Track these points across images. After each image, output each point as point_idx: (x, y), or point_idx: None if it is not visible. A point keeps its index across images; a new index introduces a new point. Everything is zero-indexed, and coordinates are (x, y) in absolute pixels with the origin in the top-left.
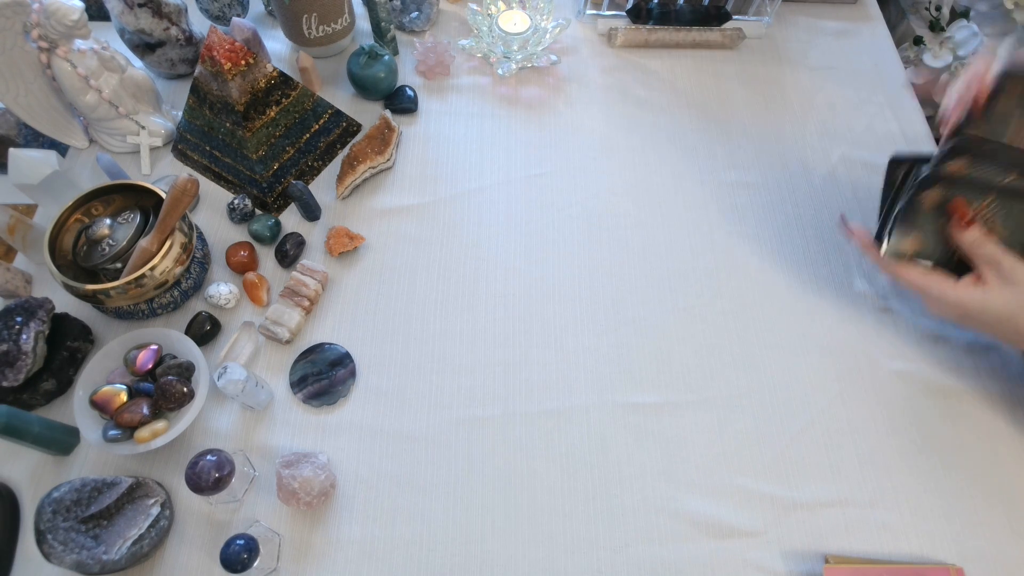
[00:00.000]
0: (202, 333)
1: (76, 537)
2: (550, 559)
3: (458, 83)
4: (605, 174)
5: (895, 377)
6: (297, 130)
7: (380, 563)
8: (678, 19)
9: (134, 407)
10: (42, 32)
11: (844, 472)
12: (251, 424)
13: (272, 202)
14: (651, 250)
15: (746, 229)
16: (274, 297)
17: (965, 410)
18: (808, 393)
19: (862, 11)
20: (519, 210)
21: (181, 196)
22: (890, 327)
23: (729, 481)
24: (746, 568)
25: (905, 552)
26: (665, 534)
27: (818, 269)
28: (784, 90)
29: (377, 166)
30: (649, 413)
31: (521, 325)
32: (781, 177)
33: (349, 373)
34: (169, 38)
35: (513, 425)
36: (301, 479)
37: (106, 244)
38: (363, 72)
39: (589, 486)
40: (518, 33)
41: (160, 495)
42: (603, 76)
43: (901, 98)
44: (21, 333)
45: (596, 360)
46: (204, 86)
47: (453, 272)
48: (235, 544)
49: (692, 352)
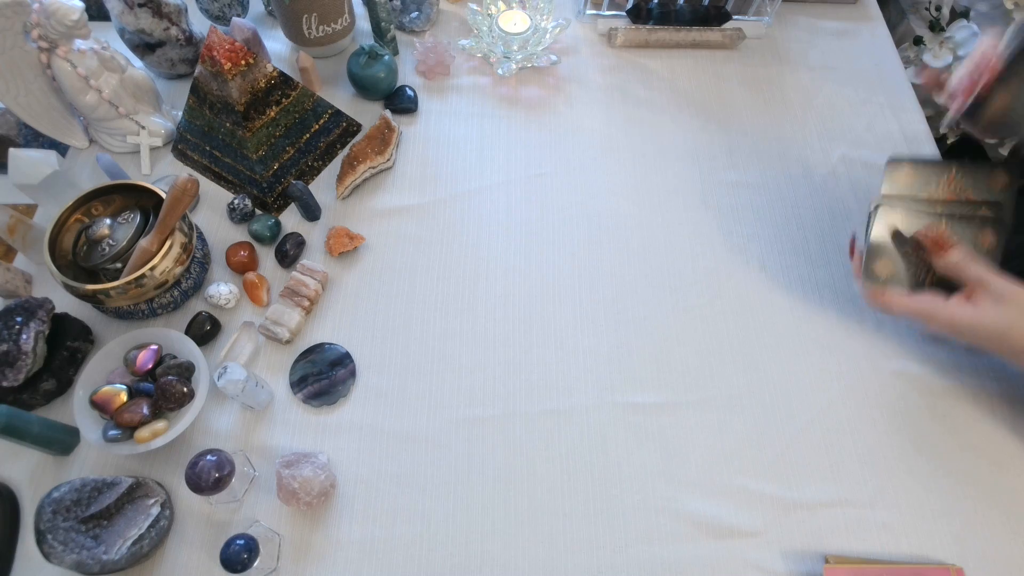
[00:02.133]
0: (202, 333)
1: (76, 537)
2: (550, 559)
3: (458, 83)
4: (605, 174)
5: (895, 377)
6: (297, 130)
7: (380, 563)
8: (678, 19)
9: (134, 407)
10: (42, 32)
11: (844, 472)
12: (251, 424)
13: (272, 202)
14: (651, 250)
15: (746, 229)
16: (274, 297)
17: (965, 410)
18: (808, 393)
19: (862, 11)
20: (519, 210)
21: (181, 196)
22: (890, 327)
23: (729, 481)
24: (746, 568)
25: (905, 552)
26: (665, 534)
27: (818, 269)
28: (784, 90)
29: (377, 166)
30: (649, 413)
31: (521, 325)
32: (781, 177)
33: (349, 373)
34: (169, 38)
35: (513, 425)
36: (301, 479)
37: (106, 244)
38: (363, 72)
39: (589, 486)
40: (518, 33)
41: (160, 495)
42: (603, 76)
43: (901, 98)
44: (21, 333)
45: (596, 360)
46: (204, 86)
47: (453, 272)
48: (235, 544)
49: (692, 352)
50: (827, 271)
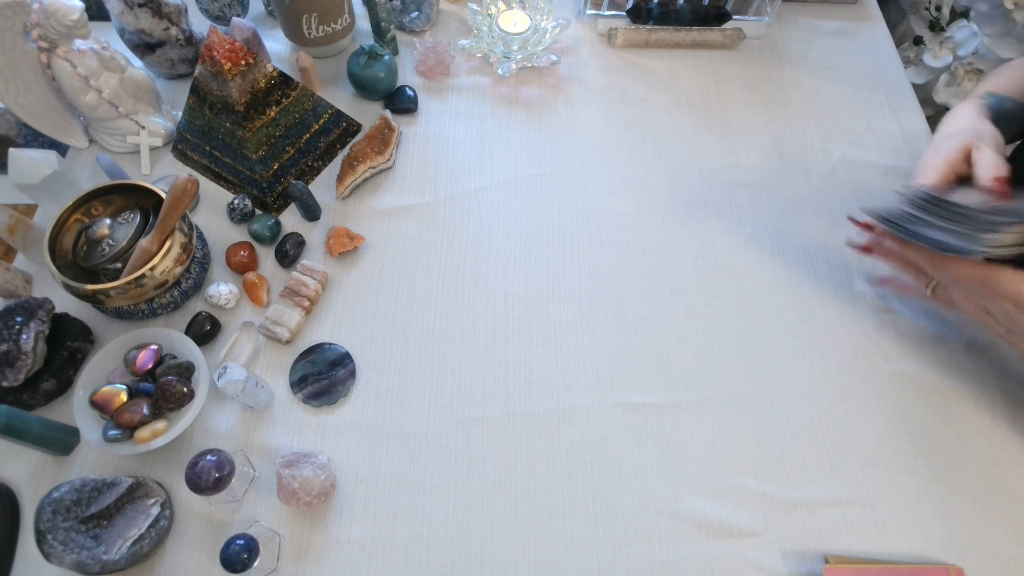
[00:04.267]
0: (202, 333)
1: (76, 537)
2: (550, 559)
3: (458, 83)
4: (605, 174)
5: (895, 377)
6: (297, 130)
7: (380, 563)
8: (678, 19)
9: (134, 407)
10: (42, 32)
11: (844, 472)
12: (251, 424)
13: (272, 202)
14: (651, 250)
15: (746, 229)
16: (274, 297)
17: (965, 410)
18: (808, 393)
19: (862, 11)
20: (519, 210)
21: (181, 196)
22: (890, 327)
23: (729, 481)
24: (746, 568)
25: (905, 552)
26: (665, 534)
27: (818, 269)
28: (784, 90)
29: (377, 166)
30: (649, 413)
31: (521, 325)
32: (781, 177)
33: (349, 373)
34: (169, 38)
35: (513, 425)
36: (301, 479)
37: (106, 244)
38: (363, 72)
39: (589, 486)
40: (518, 33)
41: (160, 495)
42: (603, 76)
43: (901, 98)
44: (21, 333)
45: (596, 360)
46: (204, 86)
47: (453, 272)
48: (235, 544)
49: (692, 352)
50: (827, 271)
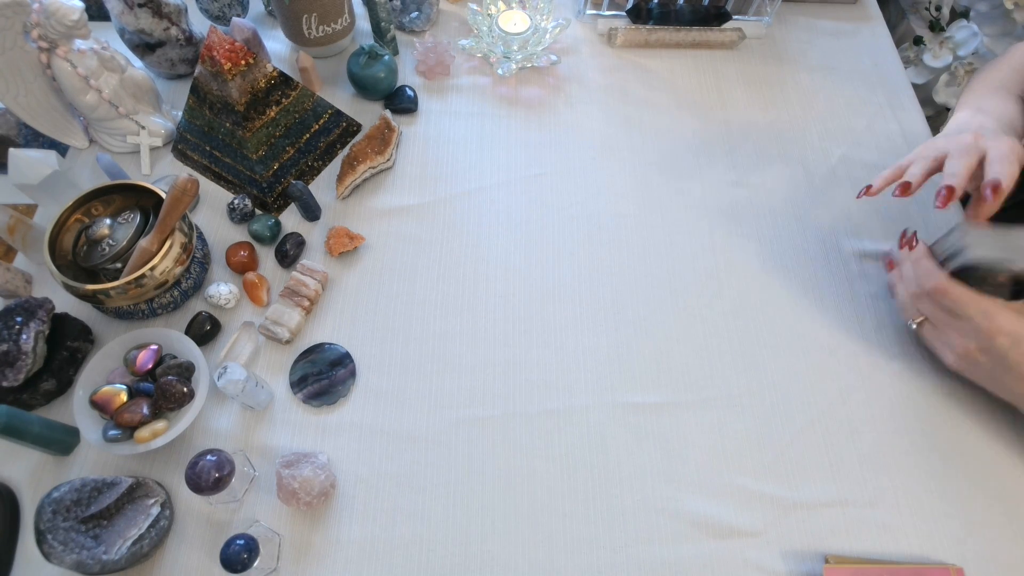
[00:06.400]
0: (202, 333)
1: (76, 537)
2: (550, 559)
3: (458, 83)
4: (605, 174)
5: (895, 377)
6: (297, 130)
7: (380, 563)
8: (678, 19)
9: (134, 407)
10: (42, 32)
11: (844, 472)
12: (251, 424)
13: (272, 202)
14: (651, 250)
15: (746, 229)
16: (274, 297)
17: (965, 410)
18: (808, 393)
19: (862, 11)
20: (519, 210)
21: (181, 196)
22: (890, 327)
23: (729, 481)
24: (746, 568)
25: (905, 552)
26: (665, 534)
27: (818, 269)
28: (784, 90)
29: (377, 166)
30: (649, 413)
31: (521, 325)
32: (781, 177)
33: (349, 373)
34: (169, 38)
35: (513, 425)
36: (301, 479)
37: (106, 244)
38: (363, 72)
39: (589, 486)
40: (518, 33)
41: (160, 495)
42: (603, 76)
43: (901, 98)
44: (21, 333)
45: (596, 360)
46: (204, 86)
47: (453, 272)
48: (235, 544)
49: (692, 352)
50: (827, 271)
